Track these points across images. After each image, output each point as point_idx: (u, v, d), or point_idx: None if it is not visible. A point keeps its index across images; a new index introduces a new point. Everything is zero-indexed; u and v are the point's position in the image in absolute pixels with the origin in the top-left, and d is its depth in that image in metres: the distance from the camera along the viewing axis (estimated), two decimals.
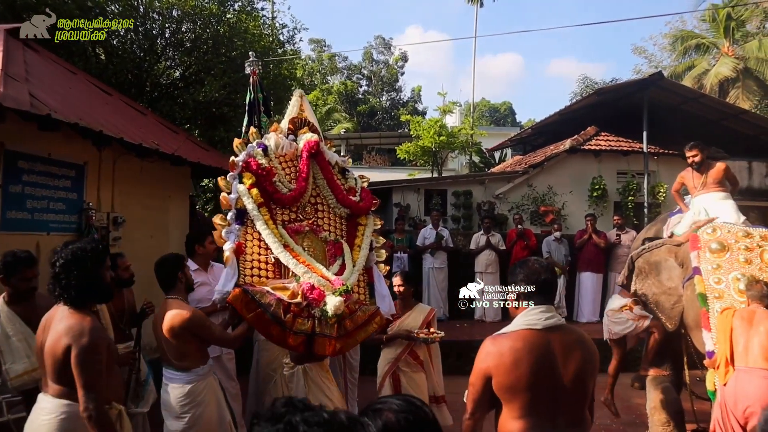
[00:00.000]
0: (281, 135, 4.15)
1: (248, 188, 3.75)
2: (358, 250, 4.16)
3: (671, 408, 4.82)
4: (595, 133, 12.91)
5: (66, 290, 2.62)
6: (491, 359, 2.22)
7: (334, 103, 29.29)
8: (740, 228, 4.49)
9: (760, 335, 3.66)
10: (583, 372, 2.27)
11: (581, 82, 38.39)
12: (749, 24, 28.06)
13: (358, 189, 4.46)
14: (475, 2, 26.63)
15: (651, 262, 4.87)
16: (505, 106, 46.49)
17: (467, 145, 17.92)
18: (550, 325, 2.26)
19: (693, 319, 4.41)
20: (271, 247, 3.66)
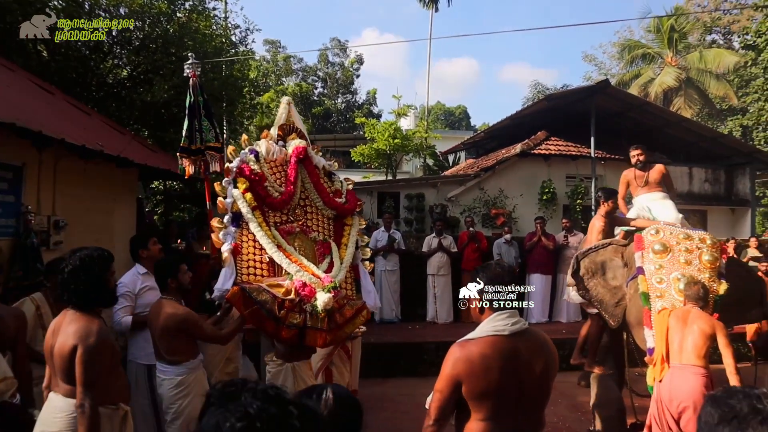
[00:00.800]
0: (271, 141, 4.39)
1: (242, 193, 3.99)
2: (345, 249, 4.41)
3: (614, 404, 5.00)
4: (545, 138, 13.21)
5: (74, 295, 2.76)
6: (461, 366, 2.23)
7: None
8: (681, 230, 4.69)
9: (693, 334, 3.85)
10: (546, 375, 2.34)
11: (533, 87, 39.30)
12: (691, 36, 29.26)
13: (344, 191, 4.70)
14: (430, 7, 26.82)
15: (596, 262, 5.01)
16: (459, 109, 47.01)
17: (421, 148, 18.04)
18: (516, 331, 2.30)
19: (635, 317, 4.59)
20: (265, 247, 3.90)
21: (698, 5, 32.71)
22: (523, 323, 2.36)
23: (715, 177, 14.44)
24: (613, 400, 5.03)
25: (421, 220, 11.93)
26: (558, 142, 13.23)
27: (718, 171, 14.48)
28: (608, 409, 5.02)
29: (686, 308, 4.06)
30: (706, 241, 4.55)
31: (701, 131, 14.40)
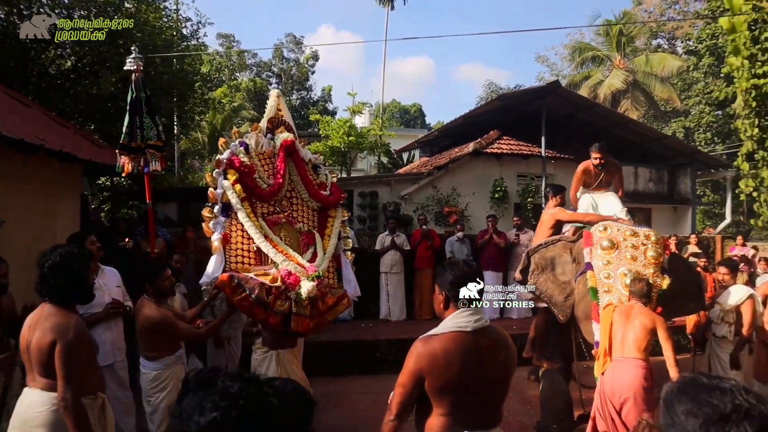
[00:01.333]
0: (261, 134, 4.53)
1: (232, 184, 4.13)
2: (328, 239, 4.59)
3: (561, 397, 5.13)
4: (497, 137, 13.39)
5: (53, 290, 2.82)
6: (425, 361, 2.25)
7: (243, 100, 28.53)
8: (628, 227, 4.84)
9: (635, 328, 4.01)
10: (506, 371, 2.41)
11: (487, 87, 39.93)
12: (638, 40, 30.20)
13: (329, 184, 4.85)
14: (386, 4, 26.85)
15: (546, 258, 5.12)
16: (415, 107, 47.25)
17: (376, 146, 18.08)
18: (478, 327, 2.34)
19: (583, 312, 4.73)
20: (253, 237, 4.06)
21: (645, 11, 33.83)
22: (485, 320, 2.41)
23: (658, 176, 14.95)
24: (561, 393, 5.16)
25: (375, 218, 11.95)
26: (510, 142, 13.44)
27: (662, 171, 15.00)
28: (556, 402, 5.15)
29: (629, 304, 4.22)
30: (651, 237, 4.72)
31: (646, 132, 14.90)
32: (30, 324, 2.84)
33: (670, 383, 1.21)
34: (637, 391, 3.76)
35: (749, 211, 19.80)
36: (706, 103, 24.42)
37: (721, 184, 20.47)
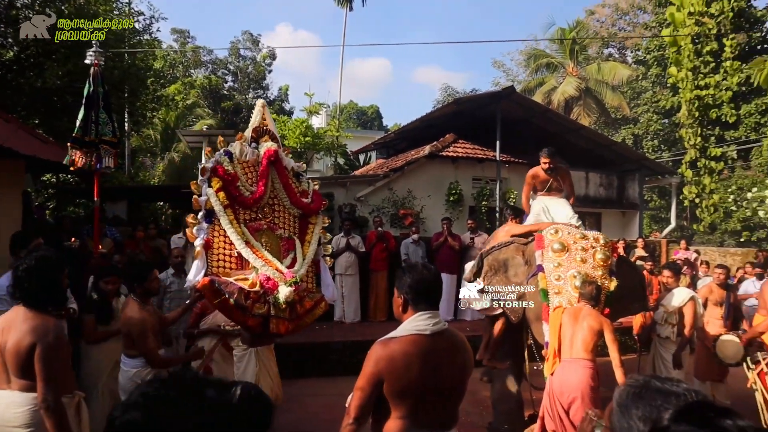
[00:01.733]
0: (245, 143, 4.63)
1: (216, 191, 4.22)
2: (308, 245, 4.72)
3: (513, 398, 5.20)
4: (453, 140, 13.51)
5: (27, 293, 2.84)
6: (384, 364, 2.25)
7: (197, 97, 27.96)
8: (578, 230, 4.95)
9: (583, 330, 4.11)
10: (463, 374, 2.44)
11: (444, 90, 40.32)
12: (590, 49, 31.06)
13: (310, 191, 4.97)
14: (344, 5, 26.78)
15: (499, 260, 5.20)
16: (372, 109, 47.28)
17: (333, 146, 17.98)
18: (437, 331, 2.35)
19: (534, 313, 4.82)
20: (234, 243, 4.17)
21: (597, 21, 34.81)
22: (444, 324, 2.42)
23: (608, 182, 15.37)
24: (512, 395, 5.24)
25: (330, 220, 11.87)
26: (465, 145, 13.58)
27: (612, 176, 15.43)
28: (507, 403, 5.22)
29: (578, 306, 4.31)
30: (600, 240, 4.84)
31: (597, 139, 15.29)
32: (2, 328, 2.82)
33: (623, 387, 1.25)
34: (584, 390, 3.84)
35: (692, 216, 20.59)
36: (653, 112, 25.28)
37: (667, 190, 21.23)
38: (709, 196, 18.07)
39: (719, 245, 18.57)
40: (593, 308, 4.27)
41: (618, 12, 34.57)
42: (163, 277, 5.94)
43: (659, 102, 24.60)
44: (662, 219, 23.59)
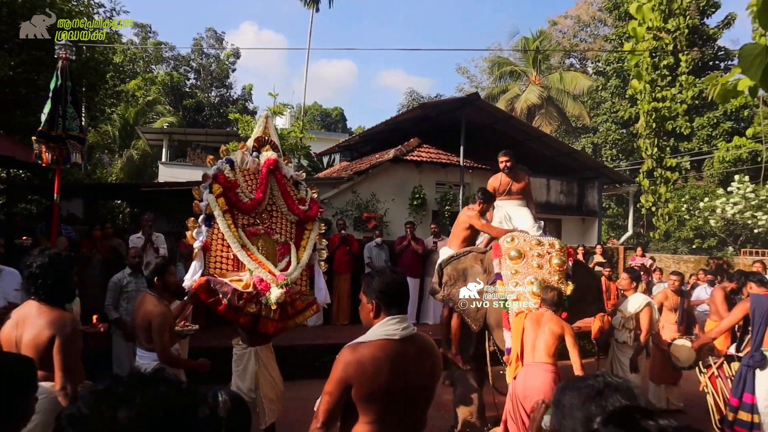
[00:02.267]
0: (246, 152, 4.90)
1: (216, 197, 4.49)
2: (303, 250, 4.95)
3: (474, 402, 5.23)
4: (417, 145, 13.55)
5: (41, 289, 2.99)
6: (352, 369, 2.24)
7: (158, 94, 27.38)
8: (533, 237, 5.03)
9: (545, 335, 4.17)
10: (431, 378, 2.43)
11: (409, 94, 40.51)
12: (552, 58, 31.68)
13: (308, 199, 5.17)
14: (311, 6, 26.68)
15: (458, 269, 5.24)
16: (336, 111, 47.16)
17: (296, 148, 17.79)
18: (406, 335, 2.35)
19: (495, 320, 4.88)
20: (231, 246, 4.43)
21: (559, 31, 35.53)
22: (412, 328, 2.42)
23: (569, 189, 15.64)
24: (474, 398, 5.26)
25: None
26: (429, 150, 13.64)
27: (572, 184, 15.71)
28: (469, 407, 5.24)
29: (540, 311, 4.37)
30: (555, 246, 4.93)
31: (558, 146, 15.56)
32: (17, 321, 2.99)
33: (568, 388, 1.42)
34: (547, 394, 3.88)
35: (648, 224, 21.18)
36: (612, 122, 25.95)
37: (624, 198, 21.76)
38: (664, 205, 18.64)
39: (673, 252, 19.14)
40: (555, 313, 4.33)
41: (580, 24, 35.40)
42: (120, 276, 5.84)
43: (618, 112, 25.27)
44: (620, 226, 24.20)
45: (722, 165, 20.72)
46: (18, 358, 2.07)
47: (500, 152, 6.03)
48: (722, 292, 6.90)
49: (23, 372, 1.91)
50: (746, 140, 19.53)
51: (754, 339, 4.66)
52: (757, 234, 17.46)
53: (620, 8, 25.47)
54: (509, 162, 5.90)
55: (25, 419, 1.90)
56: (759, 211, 16.81)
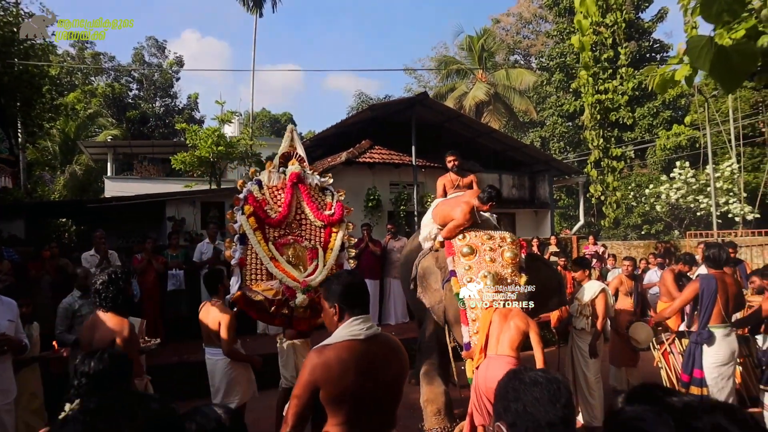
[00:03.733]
0: (273, 170, 5.35)
1: (247, 217, 4.98)
2: (330, 253, 5.21)
3: (441, 398, 5.23)
4: (369, 147, 13.52)
5: (106, 300, 3.60)
6: (319, 371, 2.24)
7: (99, 106, 26.50)
8: (484, 232, 5.06)
9: (510, 329, 4.22)
10: (399, 377, 2.46)
11: (358, 96, 40.48)
12: (497, 56, 32.21)
13: (334, 203, 5.43)
14: (254, 11, 26.33)
15: (423, 268, 5.34)
16: (285, 116, 46.71)
17: (247, 155, 17.49)
18: (371, 335, 2.37)
19: (453, 316, 4.93)
20: (262, 260, 4.90)
21: (502, 29, 36.19)
22: (376, 328, 2.44)
23: (520, 183, 15.91)
24: (440, 395, 5.27)
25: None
26: (381, 151, 13.63)
27: (523, 177, 15.99)
28: (436, 404, 5.25)
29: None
30: (507, 239, 4.99)
31: (508, 141, 15.81)
32: (90, 325, 3.65)
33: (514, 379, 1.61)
34: None
35: (599, 212, 21.76)
36: (558, 115, 26.57)
37: (574, 189, 22.31)
38: (612, 194, 19.18)
39: (623, 239, 19.72)
40: (521, 309, 4.39)
41: (522, 21, 36.15)
42: (70, 301, 5.47)
43: (563, 106, 25.90)
44: (571, 216, 24.78)
45: (664, 152, 21.49)
46: (121, 353, 2.71)
47: (447, 152, 6.26)
48: (671, 274, 7.15)
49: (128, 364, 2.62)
50: (684, 128, 20.30)
51: (702, 317, 4.85)
52: (699, 217, 18.16)
53: (560, 5, 26.11)
54: (456, 161, 6.15)
55: None
56: (700, 194, 17.50)
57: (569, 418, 1.55)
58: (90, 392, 2.73)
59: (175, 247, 9.17)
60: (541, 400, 1.52)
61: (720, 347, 4.77)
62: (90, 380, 2.75)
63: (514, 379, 1.63)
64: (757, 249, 12.21)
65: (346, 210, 5.50)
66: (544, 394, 1.54)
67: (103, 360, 2.79)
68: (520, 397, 1.56)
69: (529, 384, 1.58)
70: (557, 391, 1.56)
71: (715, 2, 2.02)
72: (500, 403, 1.60)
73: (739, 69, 2.20)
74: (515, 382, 1.61)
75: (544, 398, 1.53)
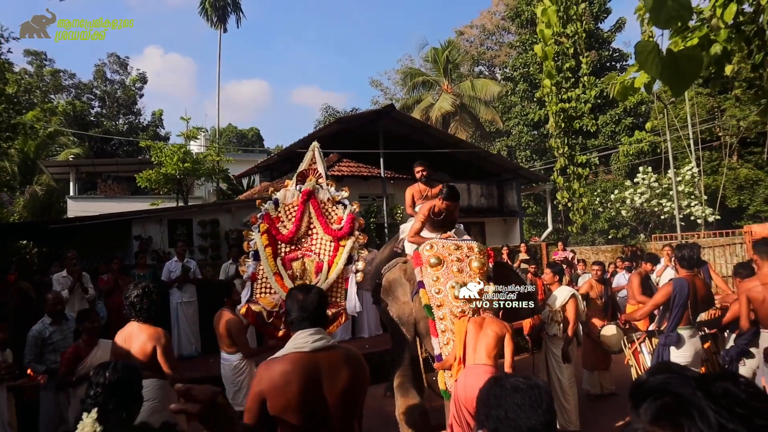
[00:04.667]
0: (289, 188, 5.55)
1: (261, 234, 5.30)
2: (334, 267, 5.26)
3: (416, 410, 5.18)
4: (337, 160, 13.52)
5: (140, 312, 3.98)
6: (264, 383, 2.27)
7: (60, 125, 25.87)
8: (451, 242, 5.05)
9: (487, 337, 4.20)
10: (350, 388, 2.40)
11: (325, 110, 40.46)
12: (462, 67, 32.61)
13: (344, 217, 5.43)
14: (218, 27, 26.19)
15: (390, 280, 5.27)
16: (252, 132, 46.45)
17: (214, 171, 17.24)
18: (318, 347, 2.37)
19: (424, 328, 4.87)
20: (266, 275, 5.20)
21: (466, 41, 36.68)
22: (327, 340, 2.43)
23: (489, 192, 16.06)
24: (416, 406, 5.22)
25: (217, 247, 11.38)
26: (350, 164, 13.64)
27: (492, 186, 16.15)
28: (412, 415, 5.20)
29: (482, 315, 4.41)
30: (474, 249, 4.95)
31: (476, 151, 15.99)
32: (125, 337, 3.99)
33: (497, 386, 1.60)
34: None
35: (566, 219, 22.08)
36: (524, 124, 26.96)
37: (541, 197, 22.63)
38: (579, 200, 19.47)
39: (591, 244, 20.05)
40: (495, 316, 4.40)
41: (485, 32, 36.69)
42: (40, 328, 5.06)
43: (528, 115, 26.32)
44: (539, 224, 25.10)
45: (627, 158, 21.97)
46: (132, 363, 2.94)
47: (415, 163, 6.27)
48: (638, 278, 7.27)
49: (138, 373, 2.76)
50: (646, 134, 20.80)
51: (671, 319, 4.92)
52: (663, 220, 18.58)
53: (522, 16, 26.60)
54: (425, 171, 6.18)
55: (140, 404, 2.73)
56: (663, 198, 17.91)
57: (551, 423, 1.56)
58: (105, 402, 2.75)
59: (143, 266, 8.97)
60: (523, 405, 1.53)
61: (686, 349, 4.86)
62: (104, 390, 2.76)
63: (495, 385, 1.64)
64: (719, 250, 12.54)
65: (358, 222, 5.49)
66: (525, 399, 1.54)
67: (117, 371, 2.81)
68: (501, 403, 1.56)
69: (510, 390, 1.58)
70: (538, 397, 1.56)
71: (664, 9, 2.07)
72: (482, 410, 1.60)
73: (687, 73, 2.28)
74: (496, 388, 1.62)
75: (525, 404, 1.54)
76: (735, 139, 20.49)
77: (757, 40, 3.51)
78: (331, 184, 5.66)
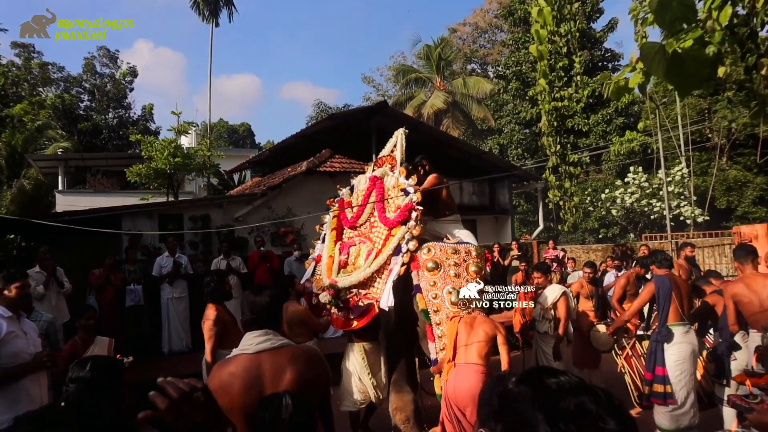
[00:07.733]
0: (366, 174, 5.84)
1: (333, 218, 5.79)
2: (380, 255, 5.20)
3: (410, 406, 5.19)
4: (330, 156, 13.46)
5: (212, 295, 4.76)
6: (213, 384, 2.32)
7: (48, 118, 25.57)
8: (449, 246, 5.03)
9: (478, 336, 4.21)
10: (297, 391, 2.36)
11: (317, 106, 40.39)
12: (455, 64, 32.63)
13: (402, 205, 5.33)
14: (210, 21, 26.01)
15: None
16: (243, 127, 46.25)
17: (204, 167, 17.12)
18: (262, 349, 2.41)
19: (421, 331, 4.90)
20: (324, 258, 5.62)
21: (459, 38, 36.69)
22: (274, 341, 2.46)
23: (480, 190, 16.08)
24: (409, 402, 5.24)
25: (208, 242, 11.32)
26: (342, 160, 13.58)
27: (483, 184, 16.17)
28: (405, 411, 5.21)
29: (473, 314, 4.41)
30: (472, 253, 4.95)
31: (467, 149, 15.97)
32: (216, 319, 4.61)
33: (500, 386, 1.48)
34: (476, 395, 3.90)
35: (557, 217, 22.17)
36: (516, 123, 26.99)
37: (533, 195, 22.67)
38: (570, 199, 19.56)
39: (581, 243, 20.15)
40: (486, 316, 4.41)
41: (478, 30, 36.73)
42: None
43: (520, 114, 26.36)
44: (531, 222, 25.17)
45: (618, 158, 22.07)
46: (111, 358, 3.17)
47: (418, 158, 6.09)
48: (625, 279, 7.30)
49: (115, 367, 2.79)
50: (637, 134, 20.91)
51: (660, 315, 4.99)
52: (653, 220, 18.70)
53: (514, 15, 26.63)
54: (427, 166, 6.00)
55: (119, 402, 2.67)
56: (653, 198, 18.02)
57: None
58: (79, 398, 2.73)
59: (133, 261, 8.93)
60: None
61: (680, 345, 4.90)
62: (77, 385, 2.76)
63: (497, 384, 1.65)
64: (709, 250, 12.65)
65: (416, 212, 5.14)
66: None
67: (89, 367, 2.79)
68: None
69: None
70: None
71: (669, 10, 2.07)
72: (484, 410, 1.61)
73: (693, 73, 2.27)
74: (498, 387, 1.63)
75: None
76: (725, 141, 20.64)
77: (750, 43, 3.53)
78: (402, 172, 5.51)
